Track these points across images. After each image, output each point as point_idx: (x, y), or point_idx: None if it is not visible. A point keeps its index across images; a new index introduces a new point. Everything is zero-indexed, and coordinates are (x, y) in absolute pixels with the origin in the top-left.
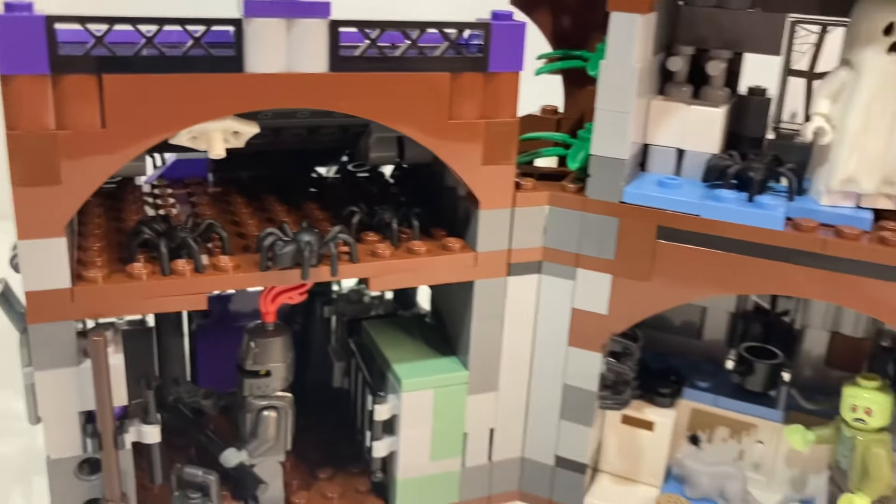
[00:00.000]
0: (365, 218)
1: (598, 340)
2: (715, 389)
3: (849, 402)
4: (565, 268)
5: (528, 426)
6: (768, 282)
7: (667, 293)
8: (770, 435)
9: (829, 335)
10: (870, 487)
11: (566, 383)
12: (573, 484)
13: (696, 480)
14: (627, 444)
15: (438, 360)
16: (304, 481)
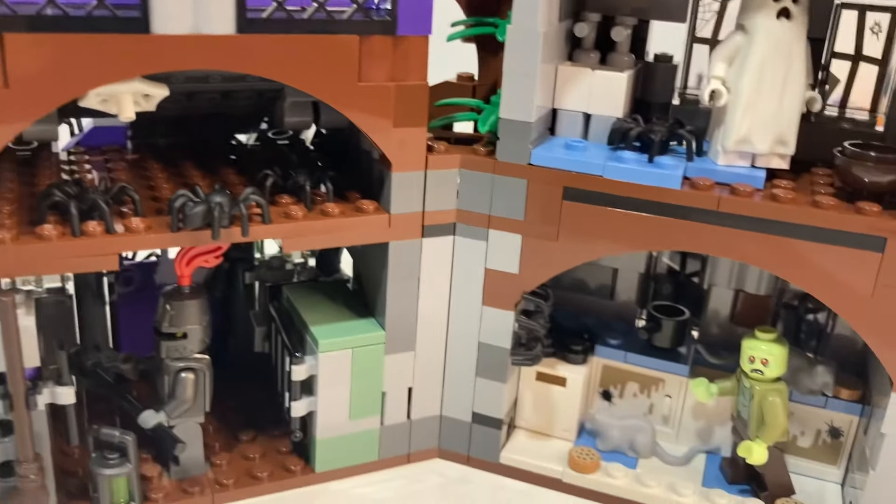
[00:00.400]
0: (279, 181)
1: (510, 299)
2: (625, 346)
3: (747, 354)
4: (478, 229)
5: (445, 384)
6: (668, 238)
7: (573, 252)
8: (677, 389)
9: (734, 293)
10: (767, 434)
11: (481, 341)
12: (490, 439)
13: (608, 434)
14: (542, 400)
15: (356, 322)
16: (225, 443)
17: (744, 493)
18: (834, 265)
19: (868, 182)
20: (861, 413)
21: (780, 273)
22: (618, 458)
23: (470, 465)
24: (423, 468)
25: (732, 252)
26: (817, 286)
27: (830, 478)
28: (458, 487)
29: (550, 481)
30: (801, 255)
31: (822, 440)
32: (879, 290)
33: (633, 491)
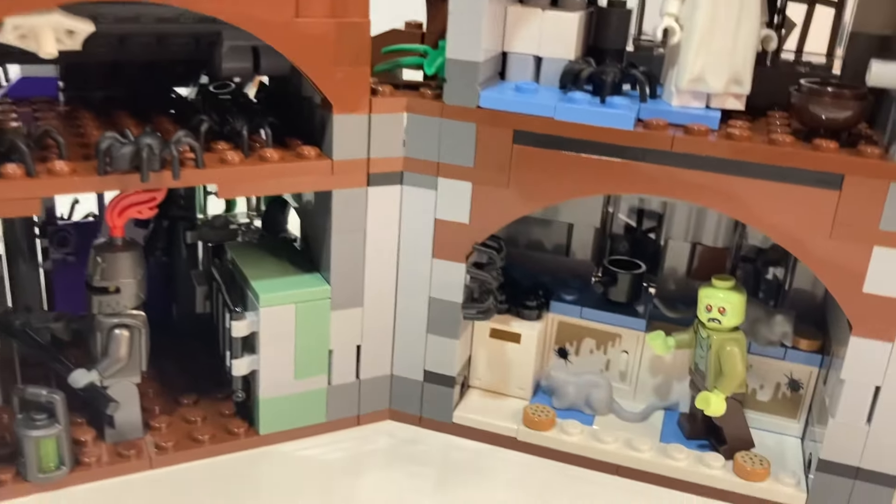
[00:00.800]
0: (215, 126)
1: (461, 250)
2: (581, 302)
3: (704, 303)
4: (426, 177)
5: (395, 342)
6: (621, 182)
7: (525, 198)
8: (634, 345)
9: (691, 247)
10: (725, 384)
11: (432, 296)
12: (442, 399)
13: (563, 391)
14: (496, 358)
15: (300, 277)
16: (166, 407)
17: (703, 448)
18: (791, 205)
19: (825, 119)
20: (821, 364)
21: (737, 215)
22: (574, 415)
23: (422, 426)
24: (373, 430)
25: (687, 194)
26: (774, 228)
27: (790, 432)
28: (409, 448)
29: (505, 440)
30: (757, 195)
31: (781, 393)
32: (837, 229)
33: (590, 447)
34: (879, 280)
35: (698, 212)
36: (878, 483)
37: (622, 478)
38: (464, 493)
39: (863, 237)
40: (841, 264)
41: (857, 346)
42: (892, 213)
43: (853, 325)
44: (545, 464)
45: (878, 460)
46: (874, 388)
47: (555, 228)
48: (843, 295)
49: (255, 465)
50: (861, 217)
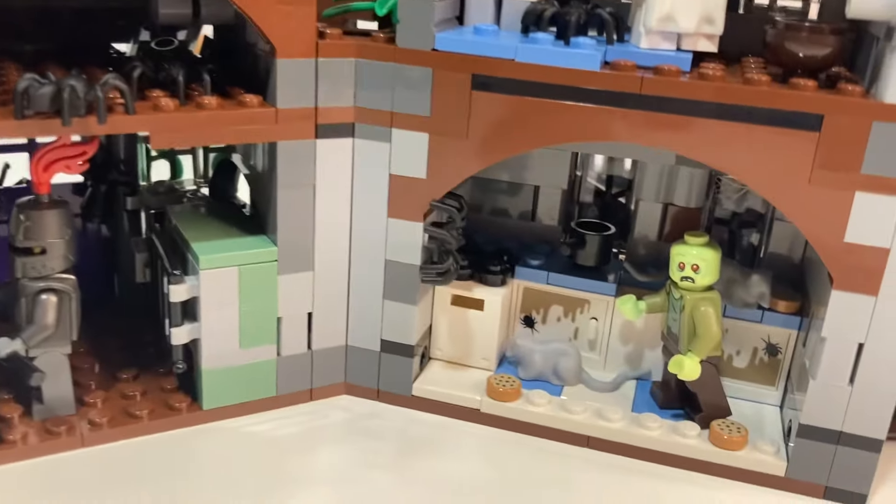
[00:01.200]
0: (150, 73)
1: (418, 209)
2: (547, 267)
3: (676, 261)
4: (380, 129)
5: (350, 309)
6: (588, 128)
7: (486, 150)
8: (604, 311)
9: (663, 208)
10: (699, 346)
11: (388, 259)
12: (401, 370)
13: (530, 360)
14: (458, 327)
15: (245, 239)
16: (103, 382)
17: (677, 418)
18: (768, 149)
19: (802, 57)
20: (800, 326)
21: (711, 161)
22: (541, 386)
23: (380, 400)
24: (327, 404)
25: (658, 140)
26: (751, 174)
27: (768, 400)
28: (365, 423)
29: (468, 413)
30: (732, 139)
31: (758, 359)
32: (817, 174)
33: (557, 418)
34: (861, 228)
35: (670, 170)
36: (861, 448)
37: (592, 450)
38: (423, 469)
39: (844, 182)
40: (821, 212)
41: (838, 301)
42: (875, 155)
43: (834, 279)
44: (511, 437)
45: (861, 423)
46: (857, 345)
47: (520, 192)
48: (823, 245)
49: (197, 442)
50: (842, 160)
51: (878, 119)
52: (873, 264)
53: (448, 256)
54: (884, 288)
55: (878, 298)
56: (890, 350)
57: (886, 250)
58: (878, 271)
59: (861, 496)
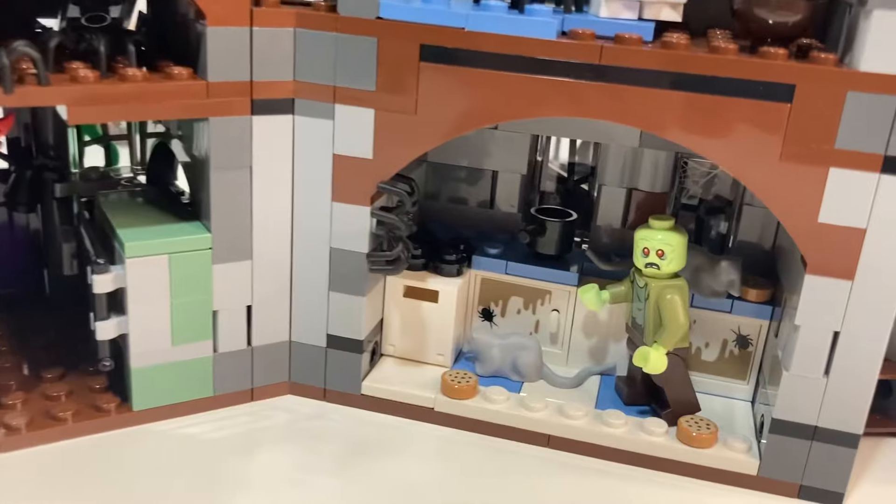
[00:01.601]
0: (69, 44)
1: (364, 191)
2: (506, 256)
3: (640, 246)
4: (322, 105)
5: (293, 302)
6: (544, 103)
7: (436, 126)
8: (566, 302)
9: (627, 193)
10: (665, 337)
11: (333, 247)
12: (349, 367)
13: (488, 355)
14: (411, 320)
15: (177, 226)
16: (25, 382)
17: (643, 415)
18: (736, 122)
19: (772, 24)
20: (771, 316)
21: (675, 136)
22: (500, 383)
23: (327, 400)
24: (269, 405)
25: (619, 114)
26: (718, 150)
27: (739, 395)
28: (310, 424)
29: (421, 412)
30: (697, 112)
31: (728, 351)
32: (788, 149)
33: (517, 416)
34: (836, 208)
35: (633, 153)
36: (837, 443)
37: (553, 449)
38: (370, 473)
39: (817, 158)
40: (793, 190)
41: (812, 287)
42: (850, 128)
43: (808, 262)
44: (466, 437)
45: (837, 417)
46: (832, 333)
47: (478, 179)
48: (795, 227)
49: (126, 446)
50: (814, 134)
51: (852, 89)
52: (849, 246)
53: (398, 243)
54: (860, 272)
55: (854, 283)
56: (867, 338)
57: (862, 231)
58: (854, 254)
59: (837, 495)
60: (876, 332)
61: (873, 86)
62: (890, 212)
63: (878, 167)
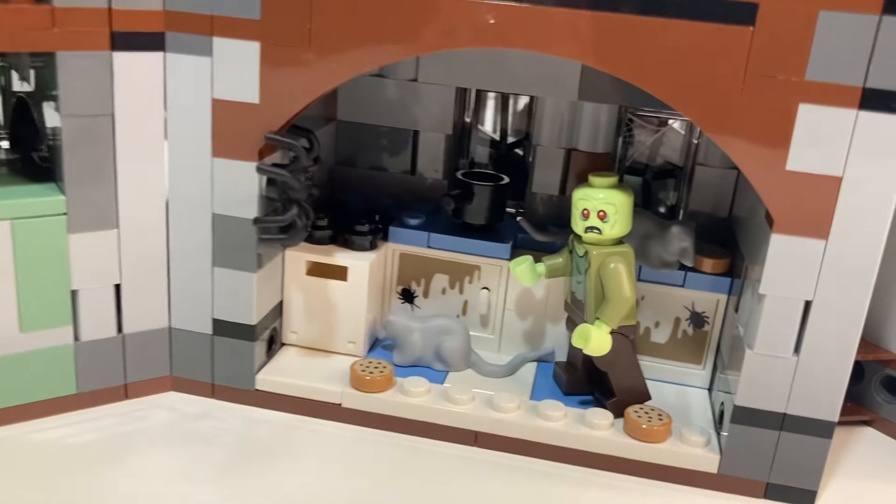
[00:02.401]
0: None
1: (251, 144)
2: (428, 227)
3: (579, 208)
4: (197, 38)
5: (172, 280)
6: (462, 29)
7: (335, 62)
8: (497, 279)
9: (565, 154)
10: (609, 312)
11: (216, 212)
12: (241, 358)
13: (407, 341)
14: (317, 302)
15: (24, 188)
16: None
17: (585, 405)
18: (690, 51)
19: None
20: (730, 290)
21: (615, 69)
22: (421, 373)
23: (215, 397)
24: (147, 403)
25: (548, 44)
26: (667, 85)
27: (695, 381)
28: (194, 425)
29: (326, 409)
30: (642, 39)
31: (681, 331)
32: (750, 82)
33: (438, 411)
34: (807, 152)
35: (572, 108)
36: (809, 433)
37: (481, 448)
38: (265, 481)
39: (784, 92)
40: (756, 132)
41: (779, 248)
42: (823, 55)
43: (774, 219)
44: (379, 436)
45: (808, 403)
46: (803, 303)
47: (397, 140)
48: (760, 176)
49: None
50: (781, 63)
51: (825, 7)
52: (822, 198)
53: (292, 206)
54: (835, 229)
55: (829, 243)
56: (843, 308)
57: (837, 179)
58: (828, 207)
59: (809, 493)
60: (854, 301)
61: (850, 3)
62: (869, 156)
63: (856, 102)
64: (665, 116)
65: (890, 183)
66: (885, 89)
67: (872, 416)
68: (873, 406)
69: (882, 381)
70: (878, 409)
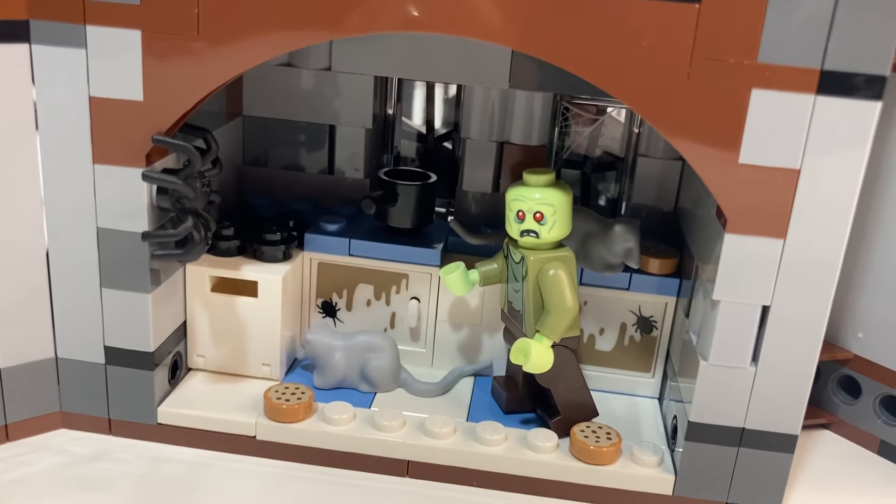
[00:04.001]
0: None
1: (136, 148)
2: (349, 233)
3: (514, 209)
4: (68, 28)
5: (55, 304)
6: (373, 14)
7: (229, 52)
8: (427, 288)
9: (497, 148)
10: (550, 324)
11: (101, 227)
12: (140, 389)
13: (328, 361)
14: (225, 321)
15: None
16: None
17: (527, 425)
18: (629, 32)
19: None
20: (679, 291)
21: (548, 54)
22: (345, 396)
23: (113, 433)
24: (33, 445)
25: (471, 27)
26: (606, 70)
27: (644, 391)
28: (89, 469)
29: (240, 442)
30: (577, 19)
31: (628, 338)
32: (698, 65)
33: (364, 440)
34: (762, 143)
35: (503, 97)
36: (770, 448)
37: (414, 479)
38: None
39: (735, 76)
40: (705, 122)
41: (734, 250)
42: (777, 35)
43: (728, 217)
44: (300, 470)
45: (769, 416)
46: (760, 309)
47: (312, 136)
48: (710, 171)
49: None
50: (732, 44)
51: None
52: (778, 194)
53: (187, 217)
54: (793, 227)
55: (787, 242)
56: (804, 313)
57: (795, 172)
58: (786, 203)
59: None
60: (814, 305)
61: None
62: (829, 146)
63: (814, 86)
64: (604, 104)
65: (851, 175)
66: (845, 71)
67: (830, 419)
68: (831, 407)
69: (839, 382)
70: (835, 411)
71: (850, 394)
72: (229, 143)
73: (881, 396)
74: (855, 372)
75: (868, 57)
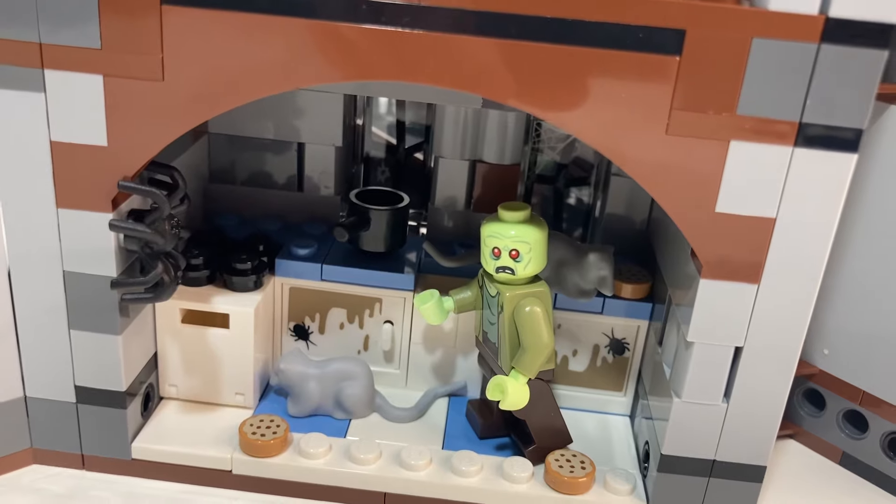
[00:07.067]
0: None
1: (101, 192)
2: (321, 257)
3: (489, 246)
4: (25, 72)
5: (21, 345)
6: (341, 62)
7: (193, 97)
8: (401, 311)
9: (470, 166)
10: (526, 361)
11: (67, 270)
12: (113, 425)
13: (303, 390)
14: (197, 352)
15: None
16: None
17: (503, 452)
18: (608, 84)
19: None
20: (651, 315)
21: (525, 104)
22: (320, 425)
23: (87, 469)
24: (4, 485)
25: (440, 74)
26: (584, 122)
27: (616, 409)
28: None
29: (216, 476)
30: (555, 70)
31: (601, 359)
32: (677, 118)
33: (341, 473)
34: (739, 193)
35: (476, 116)
36: (740, 478)
37: None
38: None
39: (714, 128)
40: (683, 172)
41: (709, 294)
42: (756, 87)
43: (703, 263)
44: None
45: (739, 449)
46: (733, 350)
47: (282, 154)
48: (688, 220)
49: None
50: (711, 97)
51: (759, 35)
52: (754, 241)
53: (156, 262)
54: (767, 273)
55: (761, 287)
56: (775, 354)
57: (771, 221)
58: (760, 251)
59: None
60: (786, 346)
61: (786, 30)
62: (805, 195)
63: (792, 139)
64: None
65: (825, 223)
66: (823, 124)
67: (795, 430)
68: (796, 419)
69: (805, 394)
70: (800, 422)
71: (816, 406)
72: (195, 161)
73: (844, 410)
74: (820, 386)
75: (846, 111)
